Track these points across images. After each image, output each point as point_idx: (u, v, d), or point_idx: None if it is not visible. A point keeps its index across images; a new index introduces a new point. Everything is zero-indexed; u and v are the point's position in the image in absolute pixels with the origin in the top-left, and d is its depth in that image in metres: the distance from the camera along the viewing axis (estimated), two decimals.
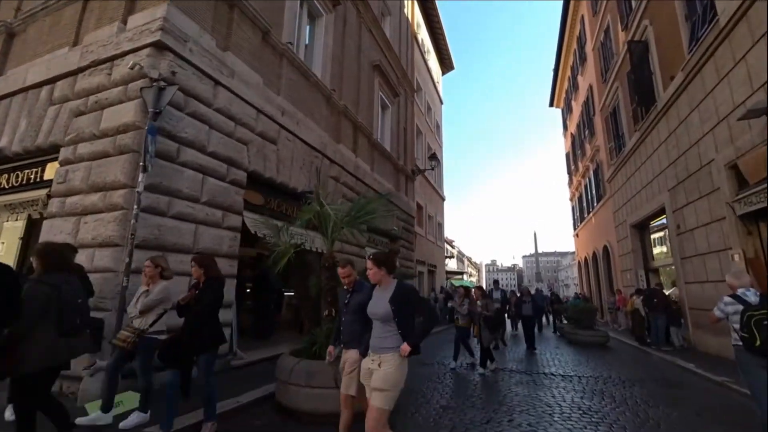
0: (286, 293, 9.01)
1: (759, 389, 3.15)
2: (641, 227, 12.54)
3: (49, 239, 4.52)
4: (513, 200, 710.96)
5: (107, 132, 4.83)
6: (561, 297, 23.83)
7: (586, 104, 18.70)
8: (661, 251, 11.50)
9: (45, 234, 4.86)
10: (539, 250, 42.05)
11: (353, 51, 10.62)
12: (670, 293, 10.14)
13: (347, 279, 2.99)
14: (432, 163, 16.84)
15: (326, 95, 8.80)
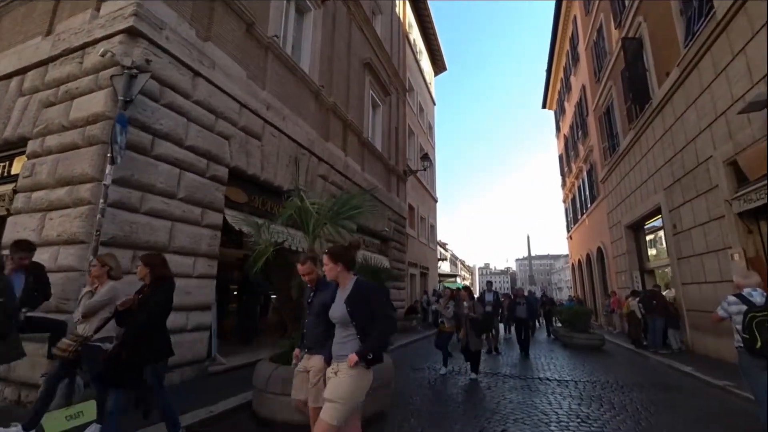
0: (273, 295, 8.71)
1: (760, 392, 3.10)
2: (636, 228, 12.41)
3: (14, 237, 4.21)
4: (506, 203, 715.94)
5: (77, 123, 4.53)
6: (554, 300, 23.75)
7: (579, 105, 18.66)
8: (657, 252, 11.36)
9: (9, 231, 4.55)
10: (532, 253, 42.04)
11: (343, 48, 10.40)
12: (665, 294, 9.99)
13: (308, 277, 2.69)
14: (424, 164, 16.64)
15: (314, 91, 8.55)
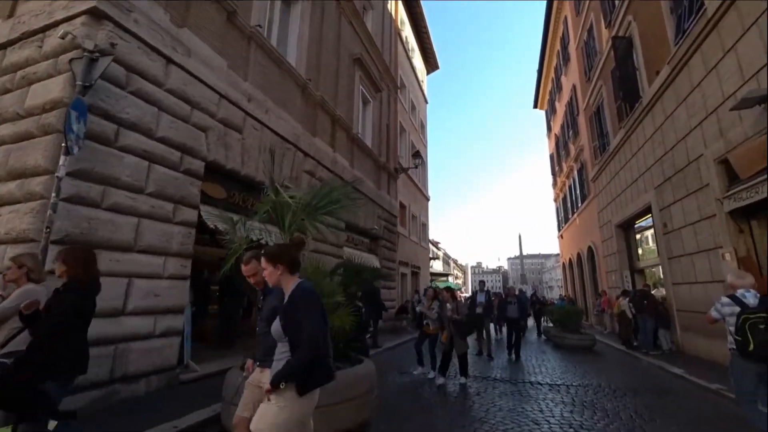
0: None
1: (744, 393, 3.10)
2: (626, 227, 12.37)
3: None
4: (499, 202, 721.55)
5: (33, 111, 4.17)
6: (546, 298, 23.73)
7: (570, 104, 18.67)
8: (647, 251, 11.32)
9: None
10: (524, 252, 42.09)
11: (332, 42, 10.10)
12: (654, 293, 9.94)
13: (253, 279, 2.37)
14: (416, 162, 16.42)
15: (301, 85, 8.25)
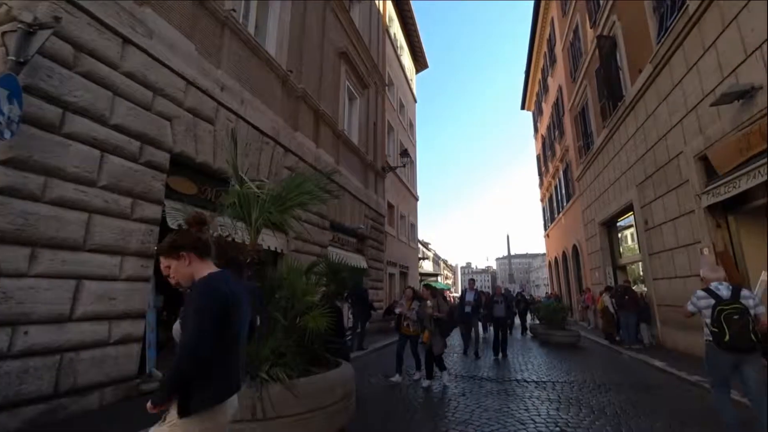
0: None
1: (715, 381, 3.21)
2: (609, 225, 12.50)
3: None
4: (488, 204, 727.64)
5: None
6: (531, 296, 23.88)
7: (556, 105, 18.83)
8: (629, 248, 11.45)
9: None
10: (512, 252, 42.51)
11: (315, 34, 9.89)
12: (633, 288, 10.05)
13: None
14: (404, 160, 16.31)
15: (281, 77, 8.02)
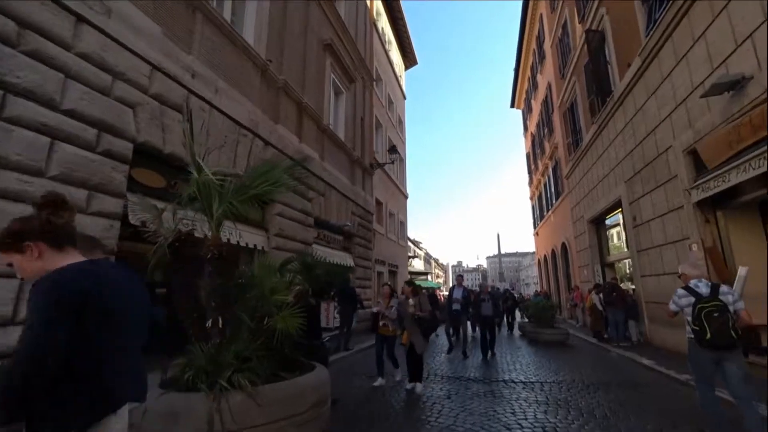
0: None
1: (700, 379, 3.19)
2: (598, 222, 12.44)
3: None
4: (479, 203, 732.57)
5: None
6: (520, 294, 23.92)
7: (545, 102, 18.78)
8: (617, 246, 11.39)
9: None
10: (502, 251, 42.61)
11: (298, 23, 9.55)
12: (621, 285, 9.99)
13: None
14: (392, 157, 16.03)
15: (260, 66, 7.67)
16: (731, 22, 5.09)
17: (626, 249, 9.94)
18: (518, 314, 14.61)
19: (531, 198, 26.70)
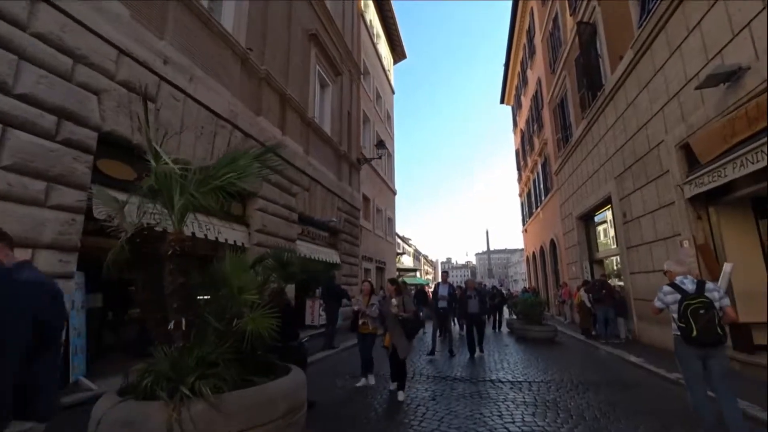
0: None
1: (691, 378, 3.12)
2: (587, 219, 12.39)
3: None
4: (469, 200, 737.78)
5: None
6: (509, 291, 23.94)
7: (535, 98, 18.69)
8: (605, 242, 11.35)
9: None
10: (491, 248, 42.79)
11: (281, 11, 9.13)
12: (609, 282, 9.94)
13: None
14: (380, 152, 15.73)
15: (240, 55, 7.27)
16: (728, 11, 4.93)
17: (615, 246, 9.88)
18: (506, 311, 14.50)
19: (520, 195, 26.74)
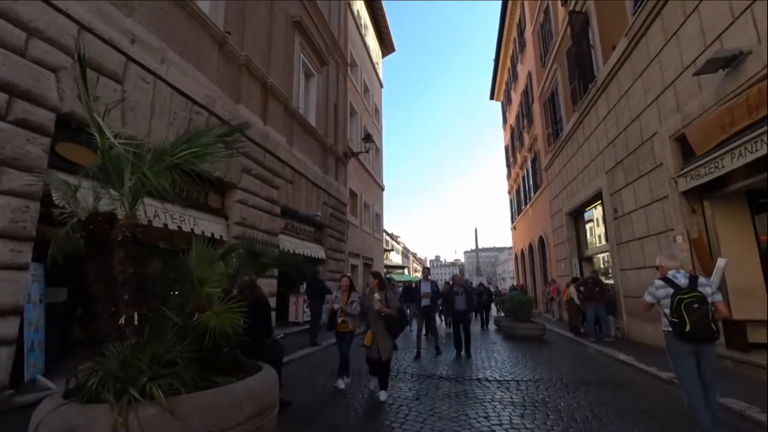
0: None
1: (685, 375, 3.03)
2: (576, 215, 12.27)
3: None
4: (458, 198, 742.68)
5: None
6: (497, 288, 23.86)
7: (525, 93, 18.54)
8: (595, 239, 11.24)
9: None
10: (479, 246, 42.87)
11: None
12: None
13: None
14: (367, 146, 15.36)
15: (218, 39, 6.80)
16: None
17: (605, 242, 9.75)
18: (494, 309, 14.32)
19: (509, 192, 26.70)
